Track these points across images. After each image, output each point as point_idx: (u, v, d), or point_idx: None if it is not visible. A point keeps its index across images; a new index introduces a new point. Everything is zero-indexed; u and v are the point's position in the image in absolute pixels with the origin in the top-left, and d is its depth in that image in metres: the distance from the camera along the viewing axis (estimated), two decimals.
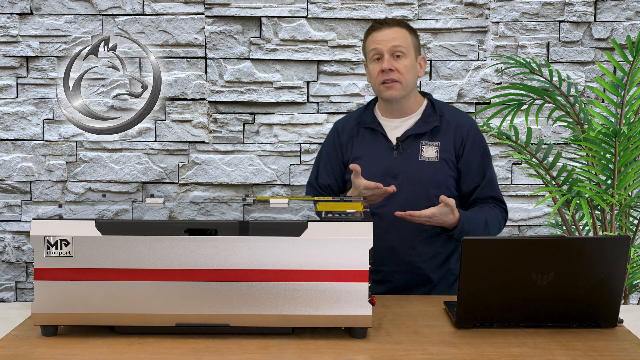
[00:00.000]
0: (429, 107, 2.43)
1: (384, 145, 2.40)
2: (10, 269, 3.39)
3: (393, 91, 2.35)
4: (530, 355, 1.67)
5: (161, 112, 3.34)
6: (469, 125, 2.42)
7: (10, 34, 3.28)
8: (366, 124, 2.44)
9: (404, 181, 2.34)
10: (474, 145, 2.39)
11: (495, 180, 2.45)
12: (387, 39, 2.35)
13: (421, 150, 2.38)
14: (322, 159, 2.54)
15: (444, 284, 2.39)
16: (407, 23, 2.44)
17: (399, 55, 2.34)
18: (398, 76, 2.33)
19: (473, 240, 1.78)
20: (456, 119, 2.42)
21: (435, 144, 2.38)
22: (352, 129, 2.47)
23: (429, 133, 2.38)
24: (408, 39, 2.37)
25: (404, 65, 2.34)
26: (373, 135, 2.43)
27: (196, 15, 3.30)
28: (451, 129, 2.39)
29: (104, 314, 1.75)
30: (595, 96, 3.28)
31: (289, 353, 1.67)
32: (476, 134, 2.42)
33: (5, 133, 3.33)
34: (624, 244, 1.78)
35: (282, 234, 1.72)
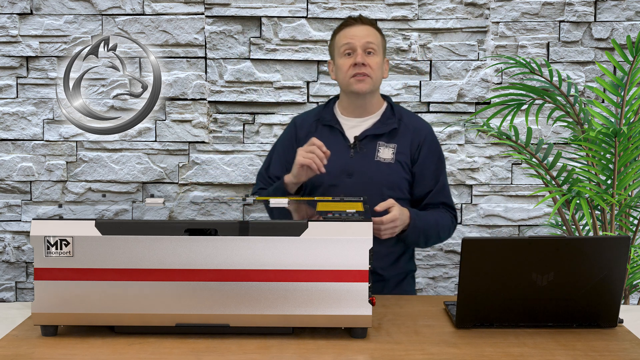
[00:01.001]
0: (389, 109, 2.49)
1: (341, 143, 2.44)
2: (10, 269, 3.39)
3: (363, 84, 2.40)
4: (530, 355, 1.67)
5: (161, 112, 3.34)
6: (426, 130, 2.48)
7: (10, 34, 3.28)
8: (325, 121, 2.49)
9: (359, 180, 2.39)
10: (430, 151, 2.45)
11: (447, 186, 2.52)
12: (360, 35, 2.40)
13: (377, 151, 2.42)
14: (276, 150, 2.58)
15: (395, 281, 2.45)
16: (376, 23, 2.50)
17: (371, 52, 2.40)
18: (369, 71, 2.39)
19: (473, 240, 1.78)
20: (414, 123, 2.48)
21: (392, 145, 2.43)
22: (310, 125, 2.51)
23: (387, 135, 2.44)
24: (379, 39, 2.44)
25: (376, 62, 2.41)
26: (331, 133, 2.47)
27: (196, 15, 3.30)
28: (409, 133, 2.45)
29: (104, 314, 1.75)
30: (595, 96, 3.28)
31: (289, 353, 1.68)
32: (432, 140, 2.48)
33: (5, 133, 3.33)
34: (624, 244, 1.78)
35: (282, 234, 1.72)
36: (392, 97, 3.30)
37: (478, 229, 3.38)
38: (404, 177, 2.42)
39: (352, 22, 2.44)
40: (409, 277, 2.51)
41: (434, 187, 2.43)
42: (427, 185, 2.43)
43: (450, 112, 3.33)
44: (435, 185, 2.44)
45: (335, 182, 2.40)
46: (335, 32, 2.49)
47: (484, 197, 3.37)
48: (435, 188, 2.44)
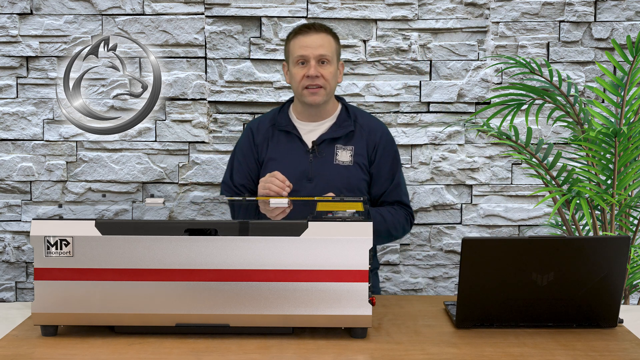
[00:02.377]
0: (344, 111, 2.51)
1: (299, 148, 2.45)
2: (10, 269, 3.39)
3: (317, 97, 2.42)
4: (530, 355, 1.67)
5: (161, 112, 3.34)
6: (381, 130, 2.50)
7: (10, 34, 3.28)
8: (281, 127, 2.49)
9: (319, 184, 2.40)
10: (386, 151, 2.47)
11: (403, 185, 2.54)
12: (314, 45, 2.40)
13: (336, 154, 2.44)
14: (236, 159, 2.58)
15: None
16: (330, 29, 2.50)
17: (324, 62, 2.40)
18: (323, 82, 2.41)
19: (473, 240, 1.78)
20: (369, 123, 2.50)
21: (350, 148, 2.45)
22: (267, 130, 2.52)
23: (344, 137, 2.46)
24: (333, 46, 2.44)
25: (329, 72, 2.41)
26: (288, 138, 2.48)
27: (196, 15, 3.30)
28: (364, 134, 2.47)
29: (104, 314, 1.75)
30: (595, 96, 3.28)
31: (289, 353, 1.68)
32: (388, 140, 2.51)
33: (5, 133, 3.33)
34: (624, 244, 1.78)
35: (282, 234, 1.72)
36: (392, 97, 3.30)
37: (478, 229, 3.38)
38: (363, 179, 2.45)
39: (305, 31, 2.43)
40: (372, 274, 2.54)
41: (389, 186, 2.47)
42: (383, 185, 2.47)
43: (450, 112, 3.33)
44: (390, 184, 2.47)
45: (296, 188, 2.40)
46: (289, 37, 2.49)
47: (484, 197, 3.37)
48: (390, 187, 2.47)
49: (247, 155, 2.55)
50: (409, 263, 3.39)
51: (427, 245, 3.39)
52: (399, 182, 2.51)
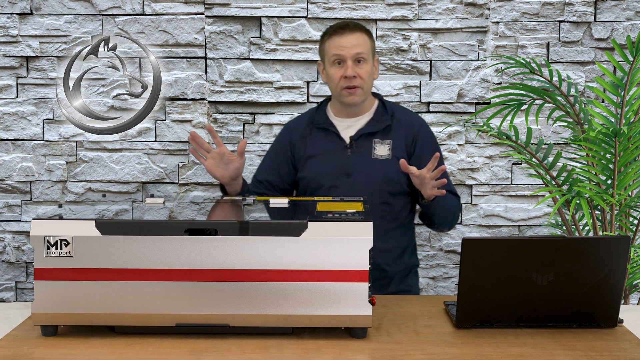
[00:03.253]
0: (381, 106, 2.50)
1: (337, 144, 2.46)
2: (10, 269, 3.39)
3: (355, 97, 2.43)
4: (530, 355, 1.67)
5: (161, 112, 3.34)
6: (419, 123, 2.51)
7: (10, 34, 3.28)
8: (319, 124, 2.50)
9: (358, 179, 2.40)
10: (425, 143, 2.48)
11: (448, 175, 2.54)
12: (349, 45, 2.41)
13: (374, 149, 2.44)
14: (268, 155, 2.60)
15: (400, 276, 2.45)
16: (364, 26, 2.50)
17: (361, 61, 2.40)
18: (360, 82, 2.41)
19: (473, 240, 1.78)
20: (406, 117, 2.51)
21: (388, 142, 2.45)
22: (304, 129, 2.53)
23: (381, 132, 2.45)
24: (368, 45, 2.44)
25: (366, 71, 2.42)
26: (326, 135, 2.49)
27: (196, 15, 3.30)
28: (402, 128, 2.47)
29: (104, 314, 1.75)
30: (595, 96, 3.28)
31: (289, 353, 1.68)
32: (426, 132, 2.51)
33: (5, 133, 3.33)
34: (624, 244, 1.78)
35: (282, 234, 1.72)
36: (392, 97, 3.30)
37: (478, 229, 3.38)
38: (402, 173, 2.43)
39: (340, 31, 2.43)
40: (412, 272, 2.53)
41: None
42: None
43: (450, 112, 3.33)
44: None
45: (335, 183, 2.41)
46: (324, 37, 2.49)
47: (484, 197, 3.37)
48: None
49: (279, 152, 2.56)
50: None
51: (427, 245, 3.39)
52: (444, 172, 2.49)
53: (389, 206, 2.42)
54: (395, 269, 2.44)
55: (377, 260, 2.39)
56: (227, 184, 2.46)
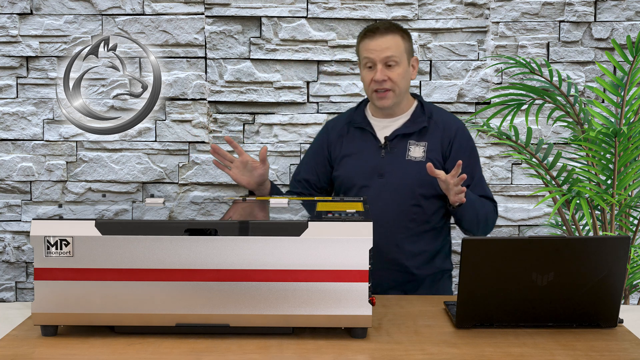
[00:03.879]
0: (419, 108, 2.47)
1: (372, 144, 2.43)
2: (10, 269, 3.39)
3: (385, 100, 2.40)
4: (530, 355, 1.67)
5: (161, 112, 3.34)
6: (456, 126, 2.46)
7: (10, 34, 3.28)
8: (356, 124, 2.49)
9: (390, 180, 2.38)
10: (461, 146, 2.43)
11: (484, 180, 2.48)
12: (379, 48, 2.37)
13: (408, 150, 2.41)
14: (307, 154, 2.59)
15: (430, 281, 2.41)
16: (399, 26, 2.44)
17: (392, 64, 2.36)
18: (391, 85, 2.37)
19: (473, 240, 1.78)
20: (444, 119, 2.47)
21: (423, 144, 2.42)
22: (342, 128, 2.52)
23: (417, 133, 2.42)
24: (401, 47, 2.39)
25: (397, 74, 2.37)
26: (363, 135, 2.47)
27: (196, 15, 3.29)
28: (439, 130, 2.43)
29: (104, 314, 1.75)
30: (595, 96, 3.28)
31: (289, 353, 1.68)
32: (463, 135, 2.46)
33: (5, 133, 3.33)
34: (624, 244, 1.78)
35: (282, 234, 1.72)
36: None
37: None
38: None
39: (370, 35, 2.39)
40: (445, 276, 2.48)
41: (471, 182, 2.40)
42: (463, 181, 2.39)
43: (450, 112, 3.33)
44: (471, 180, 2.40)
45: (367, 183, 2.39)
46: (358, 39, 2.46)
47: None
48: (472, 183, 2.40)
49: (317, 152, 2.56)
50: None
51: None
52: (481, 177, 2.45)
53: (420, 209, 2.39)
54: (425, 273, 2.40)
55: (404, 263, 2.38)
56: (254, 190, 2.47)
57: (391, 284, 2.37)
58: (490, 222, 2.43)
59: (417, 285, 2.39)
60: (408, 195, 2.36)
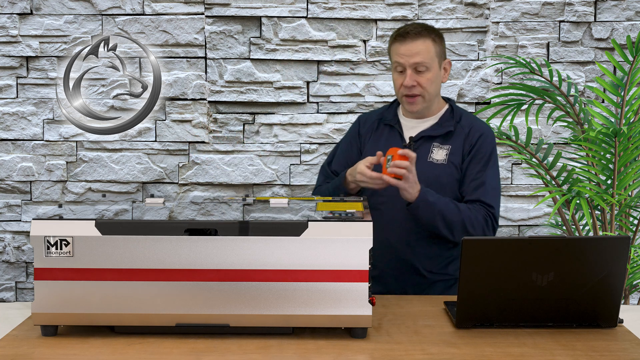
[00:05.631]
0: (448, 112, 2.44)
1: (397, 142, 2.42)
2: (10, 269, 3.39)
3: (414, 106, 2.38)
4: (530, 355, 1.67)
5: (161, 112, 3.34)
6: (480, 131, 2.40)
7: (10, 34, 3.28)
8: (387, 121, 2.47)
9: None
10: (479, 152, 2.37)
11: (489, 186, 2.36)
12: (409, 54, 2.33)
13: (431, 152, 2.39)
14: (340, 146, 2.59)
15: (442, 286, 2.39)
16: (431, 29, 2.38)
17: (422, 70, 2.34)
18: (420, 90, 2.35)
19: (473, 240, 1.78)
20: (471, 124, 2.42)
21: (447, 147, 2.39)
22: (373, 123, 2.51)
23: (442, 136, 2.40)
24: (431, 51, 2.35)
25: (427, 79, 2.34)
26: (390, 132, 2.46)
27: (196, 15, 3.30)
28: (464, 134, 2.40)
29: (104, 314, 1.75)
30: (595, 96, 3.28)
31: (289, 353, 1.67)
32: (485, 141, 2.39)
33: (5, 133, 3.33)
34: (624, 244, 1.78)
35: (282, 234, 1.72)
36: (392, 97, 3.30)
37: None
38: (456, 178, 2.36)
39: (401, 39, 2.35)
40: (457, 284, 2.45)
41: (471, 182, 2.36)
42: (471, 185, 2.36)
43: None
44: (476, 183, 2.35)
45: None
46: (389, 41, 2.42)
47: None
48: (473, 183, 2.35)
49: (350, 144, 2.54)
50: None
51: None
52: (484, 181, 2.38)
53: None
54: (437, 278, 2.38)
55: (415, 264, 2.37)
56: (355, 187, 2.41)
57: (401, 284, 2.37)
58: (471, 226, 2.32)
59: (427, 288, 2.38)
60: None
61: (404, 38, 2.35)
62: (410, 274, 2.37)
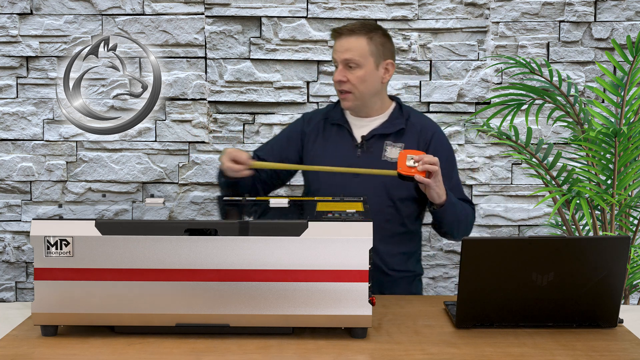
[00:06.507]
0: (397, 109, 2.47)
1: (348, 143, 2.43)
2: (10, 269, 3.39)
3: (346, 102, 2.41)
4: (530, 355, 1.67)
5: (161, 112, 3.34)
6: (433, 130, 2.45)
7: (10, 34, 3.28)
8: (334, 120, 2.48)
9: (366, 180, 2.37)
10: (438, 149, 2.40)
11: (461, 185, 2.48)
12: (341, 49, 2.37)
13: (384, 151, 2.41)
14: (276, 138, 2.57)
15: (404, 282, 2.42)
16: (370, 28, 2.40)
17: (352, 66, 2.35)
18: (349, 87, 2.37)
19: (473, 240, 1.78)
20: (421, 122, 2.47)
21: (399, 145, 2.42)
22: (318, 123, 2.50)
23: (394, 134, 2.42)
24: (364, 49, 2.36)
25: (356, 76, 2.36)
26: (339, 132, 2.46)
27: (196, 15, 3.30)
28: (416, 132, 2.43)
29: (104, 314, 1.75)
30: (595, 96, 3.28)
31: (289, 353, 1.68)
32: (440, 139, 2.45)
33: (5, 133, 3.33)
34: (624, 244, 1.78)
35: (282, 234, 1.72)
36: None
37: (478, 229, 3.38)
38: None
39: (337, 34, 2.39)
40: (416, 280, 2.49)
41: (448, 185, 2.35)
42: None
43: (450, 112, 3.33)
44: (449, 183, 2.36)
45: (343, 182, 2.38)
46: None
47: (484, 197, 3.37)
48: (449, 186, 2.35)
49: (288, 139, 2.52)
50: None
51: (427, 245, 3.39)
52: (458, 182, 2.43)
53: (395, 210, 2.39)
54: (399, 275, 2.42)
55: (379, 263, 2.38)
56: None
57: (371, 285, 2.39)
58: (470, 224, 2.42)
59: (391, 286, 2.40)
60: (383, 196, 2.36)
61: (339, 34, 2.39)
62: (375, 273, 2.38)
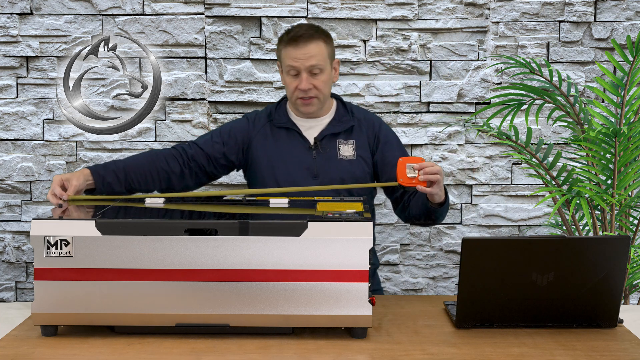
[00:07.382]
0: (341, 107, 2.49)
1: (301, 145, 2.44)
2: (10, 269, 3.39)
3: (310, 107, 2.41)
4: (530, 355, 1.68)
5: (161, 112, 3.34)
6: (376, 121, 2.51)
7: (10, 34, 3.28)
8: (281, 123, 2.46)
9: (325, 180, 2.39)
10: (387, 139, 2.47)
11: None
12: (304, 57, 2.34)
13: (339, 149, 2.43)
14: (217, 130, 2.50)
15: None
16: (320, 31, 2.41)
17: (317, 72, 2.35)
18: (316, 92, 2.38)
19: (473, 240, 1.78)
20: (365, 116, 2.51)
21: (351, 142, 2.44)
22: (264, 125, 2.48)
23: (344, 132, 2.44)
24: (324, 52, 2.37)
25: (322, 81, 2.37)
26: (289, 135, 2.45)
27: (196, 15, 3.30)
28: (363, 127, 2.46)
29: (104, 314, 1.75)
30: (595, 96, 3.28)
31: (289, 353, 1.68)
32: (385, 128, 2.53)
33: (5, 133, 3.33)
34: (624, 244, 1.78)
35: (282, 234, 1.72)
36: (391, 98, 3.30)
37: (478, 229, 3.38)
38: (367, 172, 2.44)
39: (294, 43, 2.35)
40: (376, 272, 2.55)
41: None
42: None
43: (450, 112, 3.33)
44: None
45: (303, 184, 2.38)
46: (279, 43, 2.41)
47: (484, 197, 3.37)
48: None
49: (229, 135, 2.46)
50: (409, 263, 3.39)
51: (427, 245, 3.39)
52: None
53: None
54: None
55: None
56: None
57: None
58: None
59: None
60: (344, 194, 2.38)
61: (297, 42, 2.35)
62: None
